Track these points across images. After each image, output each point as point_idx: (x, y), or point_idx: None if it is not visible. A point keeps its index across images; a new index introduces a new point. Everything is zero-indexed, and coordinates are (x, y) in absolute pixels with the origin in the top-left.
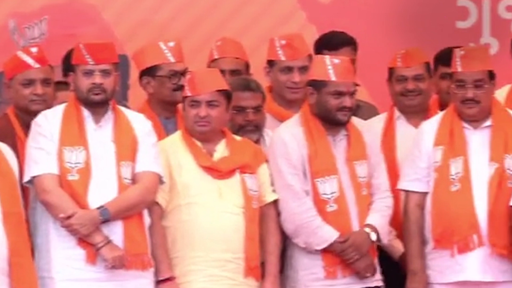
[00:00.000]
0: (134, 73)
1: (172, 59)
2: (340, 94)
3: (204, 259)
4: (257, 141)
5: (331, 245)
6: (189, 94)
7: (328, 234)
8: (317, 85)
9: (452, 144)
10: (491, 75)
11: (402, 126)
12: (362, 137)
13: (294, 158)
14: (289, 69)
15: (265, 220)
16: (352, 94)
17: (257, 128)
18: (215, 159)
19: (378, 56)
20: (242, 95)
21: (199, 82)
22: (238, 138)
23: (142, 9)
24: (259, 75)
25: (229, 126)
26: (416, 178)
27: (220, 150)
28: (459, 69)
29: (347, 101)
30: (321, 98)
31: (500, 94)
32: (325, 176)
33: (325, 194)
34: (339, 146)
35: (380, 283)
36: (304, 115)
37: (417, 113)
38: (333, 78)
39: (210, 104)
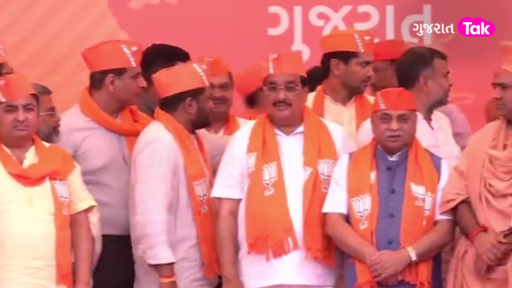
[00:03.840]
0: None
1: None
2: None
3: (16, 267)
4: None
5: (162, 266)
6: (3, 100)
7: (166, 255)
8: (196, 93)
9: (264, 150)
10: (304, 82)
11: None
12: None
13: (169, 166)
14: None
15: (77, 227)
16: None
17: None
18: (25, 166)
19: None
20: (50, 97)
21: (15, 87)
22: (47, 144)
23: None
24: (70, 82)
25: (43, 129)
26: (229, 185)
27: (30, 157)
28: (271, 71)
29: None
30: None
31: (308, 100)
32: (199, 180)
33: (199, 196)
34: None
35: None
36: (170, 123)
37: (217, 121)
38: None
39: (26, 108)
